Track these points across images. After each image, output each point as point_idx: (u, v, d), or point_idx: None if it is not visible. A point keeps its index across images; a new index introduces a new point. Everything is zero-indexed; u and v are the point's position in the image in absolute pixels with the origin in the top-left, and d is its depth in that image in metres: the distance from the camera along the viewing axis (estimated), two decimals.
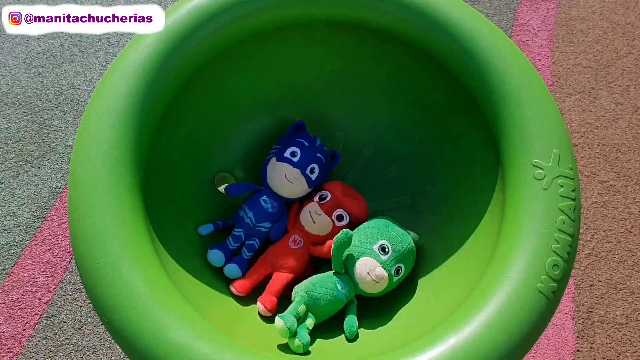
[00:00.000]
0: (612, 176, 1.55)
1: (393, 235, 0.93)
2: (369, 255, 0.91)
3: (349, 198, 1.03)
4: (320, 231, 1.01)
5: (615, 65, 1.83)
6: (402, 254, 0.92)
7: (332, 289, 0.89)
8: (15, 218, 1.48)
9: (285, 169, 1.01)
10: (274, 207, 1.03)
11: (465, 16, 0.92)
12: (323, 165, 1.05)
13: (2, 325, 1.30)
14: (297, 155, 1.01)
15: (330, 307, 0.89)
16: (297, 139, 1.04)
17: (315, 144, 1.05)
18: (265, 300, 0.92)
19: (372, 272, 0.90)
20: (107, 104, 0.82)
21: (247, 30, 0.98)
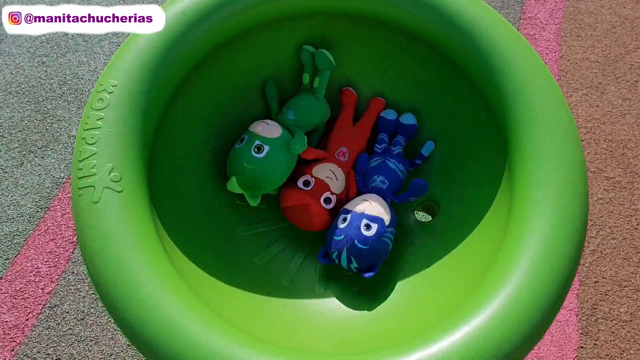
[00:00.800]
0: (618, 172, 1.54)
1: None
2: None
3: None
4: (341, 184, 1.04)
5: (624, 60, 1.81)
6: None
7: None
8: (18, 208, 1.48)
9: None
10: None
11: (466, 2, 0.91)
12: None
13: (5, 315, 1.30)
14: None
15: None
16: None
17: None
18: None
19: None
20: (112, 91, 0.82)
21: (244, 24, 0.98)
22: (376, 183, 1.01)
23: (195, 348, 0.68)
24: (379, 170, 1.02)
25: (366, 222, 0.91)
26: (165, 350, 0.68)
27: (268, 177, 0.96)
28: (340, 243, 0.91)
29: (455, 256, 0.93)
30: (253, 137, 0.96)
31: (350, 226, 0.92)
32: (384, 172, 1.02)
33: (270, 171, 0.96)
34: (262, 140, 0.96)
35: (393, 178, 1.02)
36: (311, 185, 0.98)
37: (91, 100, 0.83)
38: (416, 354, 0.68)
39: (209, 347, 0.68)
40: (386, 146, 1.07)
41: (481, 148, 0.98)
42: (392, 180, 1.01)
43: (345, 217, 0.93)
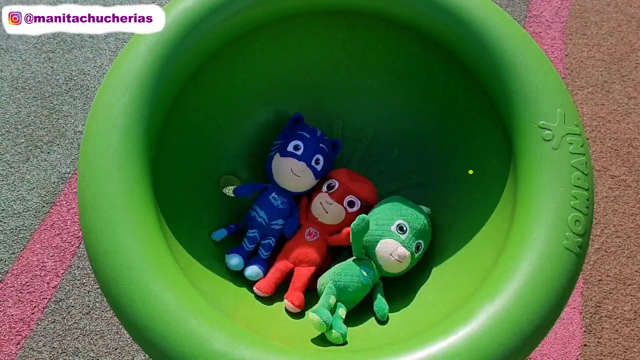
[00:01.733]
0: (623, 171, 1.54)
1: (408, 213, 0.94)
2: (388, 237, 0.92)
3: (356, 183, 1.03)
4: (334, 220, 1.01)
5: (629, 58, 1.80)
6: (419, 230, 0.94)
7: (357, 275, 0.90)
8: (24, 202, 1.49)
9: (290, 163, 1.01)
10: (284, 202, 1.03)
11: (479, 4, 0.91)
12: (327, 155, 1.05)
13: (11, 309, 1.31)
14: (301, 149, 1.01)
15: (358, 294, 0.90)
16: (297, 132, 1.04)
17: (316, 134, 1.04)
18: (292, 297, 0.92)
19: (394, 253, 0.91)
20: (114, 100, 0.82)
21: (237, 27, 0.98)
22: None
23: (201, 347, 0.68)
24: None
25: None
26: (170, 348, 0.68)
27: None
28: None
29: (459, 257, 0.94)
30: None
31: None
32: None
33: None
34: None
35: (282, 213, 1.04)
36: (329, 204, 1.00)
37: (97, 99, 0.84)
38: (416, 353, 0.69)
39: (214, 346, 0.68)
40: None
41: (486, 151, 0.98)
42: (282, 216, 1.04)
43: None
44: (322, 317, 0.81)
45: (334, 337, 0.81)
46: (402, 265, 0.92)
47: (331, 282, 0.89)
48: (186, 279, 0.75)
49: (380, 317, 0.89)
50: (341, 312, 0.87)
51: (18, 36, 1.88)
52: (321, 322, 0.81)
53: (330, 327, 0.82)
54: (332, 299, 0.87)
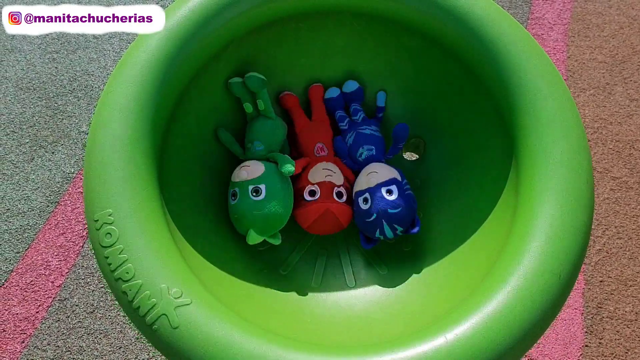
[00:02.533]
0: (625, 172, 1.54)
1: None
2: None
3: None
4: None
5: (631, 60, 1.81)
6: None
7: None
8: (29, 202, 1.50)
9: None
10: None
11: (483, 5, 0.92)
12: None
13: (16, 307, 1.32)
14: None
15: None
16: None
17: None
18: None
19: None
20: (121, 94, 0.83)
21: (242, 26, 0.99)
22: (364, 154, 1.03)
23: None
24: (358, 142, 1.04)
25: (384, 189, 0.94)
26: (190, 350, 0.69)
27: (279, 211, 0.94)
28: (376, 220, 0.93)
29: (460, 253, 0.94)
30: (244, 185, 0.94)
31: (374, 202, 0.94)
32: (364, 141, 1.04)
33: (278, 205, 0.94)
34: (254, 183, 0.94)
35: (374, 141, 1.04)
36: (318, 192, 0.99)
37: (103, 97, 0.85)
38: (418, 348, 0.70)
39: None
40: (349, 119, 1.09)
41: (488, 147, 0.98)
42: (374, 143, 1.04)
43: (365, 198, 0.95)
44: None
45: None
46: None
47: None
48: (190, 270, 0.76)
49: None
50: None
51: (23, 37, 1.89)
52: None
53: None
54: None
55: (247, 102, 1.03)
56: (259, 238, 0.93)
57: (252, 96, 1.03)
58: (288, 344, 0.71)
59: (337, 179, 1.01)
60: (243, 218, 0.93)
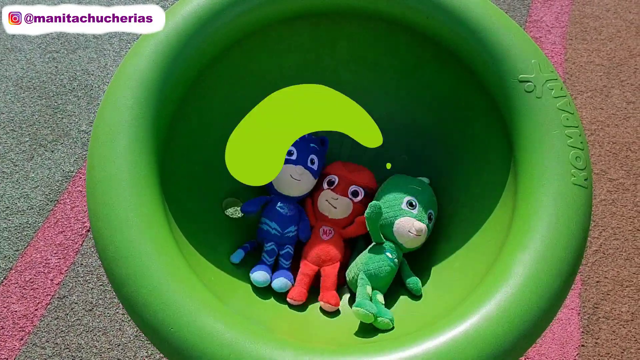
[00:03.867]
0: (621, 174, 1.56)
1: (412, 188, 0.98)
2: (401, 216, 0.95)
3: (354, 172, 1.05)
4: (343, 213, 1.02)
5: (628, 64, 1.82)
6: (427, 201, 0.98)
7: (384, 259, 0.92)
8: (28, 200, 1.50)
9: (288, 170, 1.02)
10: (291, 209, 1.04)
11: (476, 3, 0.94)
12: (319, 153, 1.06)
13: (15, 305, 1.33)
14: (294, 153, 1.03)
15: (389, 276, 0.93)
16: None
17: (304, 136, 1.05)
18: (327, 297, 0.94)
19: (412, 229, 0.94)
20: (124, 96, 0.84)
21: (241, 29, 0.99)
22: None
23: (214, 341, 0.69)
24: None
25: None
26: (183, 344, 0.70)
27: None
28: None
29: (459, 255, 0.95)
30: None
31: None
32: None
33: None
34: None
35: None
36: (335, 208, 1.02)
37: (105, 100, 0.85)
38: (414, 347, 0.70)
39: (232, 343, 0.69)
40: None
41: (486, 149, 0.99)
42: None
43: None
44: (367, 309, 0.83)
45: (384, 324, 0.84)
46: (421, 238, 0.95)
47: (362, 272, 0.92)
48: (194, 275, 0.77)
49: (415, 291, 0.92)
50: (379, 298, 0.90)
51: (23, 36, 1.90)
52: (367, 314, 0.83)
53: (376, 316, 0.84)
54: (369, 288, 0.89)
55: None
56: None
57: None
58: (296, 346, 0.71)
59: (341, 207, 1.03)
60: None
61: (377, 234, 0.94)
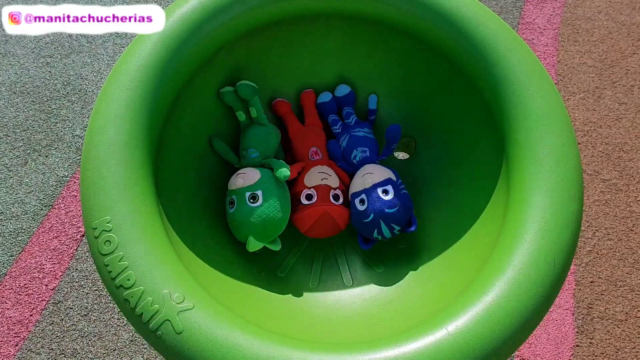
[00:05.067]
0: (614, 175, 1.56)
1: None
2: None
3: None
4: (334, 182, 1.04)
5: (620, 65, 1.84)
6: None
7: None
8: (22, 205, 1.50)
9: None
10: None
11: (467, 5, 0.94)
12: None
13: (10, 311, 1.32)
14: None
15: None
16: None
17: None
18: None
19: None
20: (116, 100, 0.84)
21: (237, 29, 1.00)
22: (359, 156, 1.05)
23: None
24: (352, 144, 1.06)
25: (380, 189, 0.95)
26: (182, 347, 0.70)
27: (277, 216, 0.94)
28: (374, 221, 0.95)
29: (455, 248, 0.96)
30: (240, 192, 0.95)
31: (370, 202, 0.95)
32: (357, 143, 1.06)
33: (275, 210, 0.94)
34: (250, 190, 0.94)
35: (367, 143, 1.06)
36: (314, 196, 0.99)
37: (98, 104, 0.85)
38: (419, 342, 0.71)
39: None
40: (341, 123, 1.10)
41: (479, 145, 1.00)
42: (368, 145, 1.06)
43: (362, 199, 0.97)
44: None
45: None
46: None
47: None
48: (190, 275, 0.77)
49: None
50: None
51: (16, 41, 1.89)
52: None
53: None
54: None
55: (239, 111, 1.04)
56: (258, 245, 0.93)
57: (244, 104, 1.04)
58: (294, 344, 0.71)
59: (333, 182, 1.02)
60: (242, 225, 0.93)
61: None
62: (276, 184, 0.96)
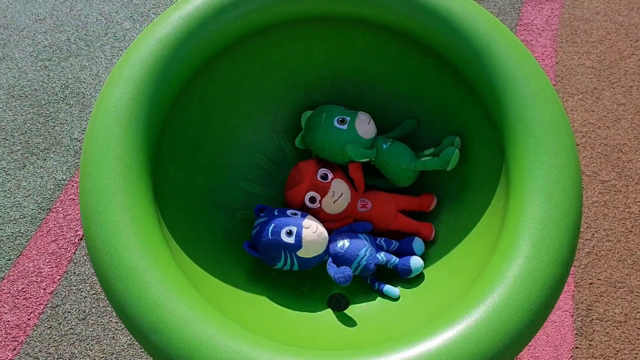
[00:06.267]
0: (613, 176, 1.56)
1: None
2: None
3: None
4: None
5: (618, 66, 1.83)
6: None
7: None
8: (20, 209, 1.49)
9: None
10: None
11: (466, 8, 0.94)
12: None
13: (7, 315, 1.32)
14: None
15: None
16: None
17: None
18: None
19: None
20: (117, 96, 0.84)
21: (257, 24, 1.00)
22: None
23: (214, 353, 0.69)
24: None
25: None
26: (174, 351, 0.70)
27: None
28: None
29: (452, 257, 0.95)
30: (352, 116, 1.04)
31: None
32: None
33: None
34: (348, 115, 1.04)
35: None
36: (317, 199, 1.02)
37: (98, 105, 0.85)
38: (407, 351, 0.70)
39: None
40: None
41: (479, 151, 1.00)
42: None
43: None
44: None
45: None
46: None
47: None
48: (189, 282, 0.77)
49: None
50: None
51: (14, 44, 1.89)
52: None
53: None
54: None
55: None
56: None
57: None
58: (300, 354, 0.72)
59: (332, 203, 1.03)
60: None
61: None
62: (353, 143, 1.04)
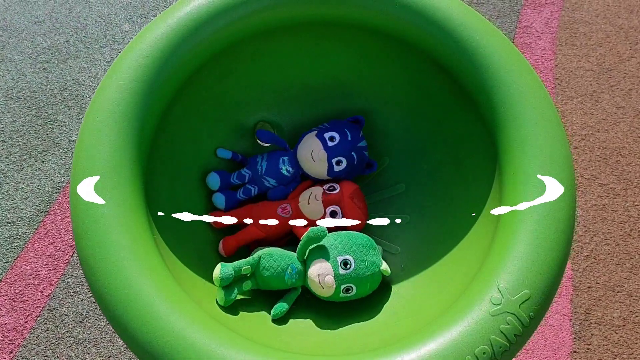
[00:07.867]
0: (612, 179, 1.56)
1: (363, 258, 0.91)
2: (329, 262, 0.90)
3: (353, 203, 1.01)
4: (310, 215, 1.02)
5: (618, 69, 1.83)
6: (360, 278, 0.90)
7: (282, 268, 0.90)
8: (18, 211, 1.49)
9: (315, 146, 1.03)
10: (289, 172, 1.06)
11: (465, 15, 0.93)
12: (352, 164, 1.05)
13: (4, 317, 1.32)
14: (335, 141, 1.03)
15: (273, 282, 0.90)
16: (345, 128, 1.05)
17: (357, 141, 1.05)
18: (227, 243, 0.98)
19: (322, 277, 0.89)
20: (112, 97, 0.84)
21: (255, 27, 1.00)
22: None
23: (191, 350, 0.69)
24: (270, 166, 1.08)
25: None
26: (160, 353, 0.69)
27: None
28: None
29: (445, 261, 0.95)
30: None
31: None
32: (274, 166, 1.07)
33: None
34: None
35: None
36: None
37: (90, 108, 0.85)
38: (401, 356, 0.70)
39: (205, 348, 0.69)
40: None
41: (472, 154, 0.99)
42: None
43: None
44: (221, 272, 0.85)
45: (218, 296, 0.85)
46: (322, 291, 0.90)
47: (259, 255, 0.90)
48: (177, 284, 0.77)
49: (272, 315, 0.88)
50: (246, 284, 0.89)
51: (13, 46, 1.89)
52: (217, 276, 0.84)
53: (228, 287, 0.85)
54: (247, 268, 0.88)
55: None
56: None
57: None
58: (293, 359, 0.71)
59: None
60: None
61: (302, 251, 0.91)
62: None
